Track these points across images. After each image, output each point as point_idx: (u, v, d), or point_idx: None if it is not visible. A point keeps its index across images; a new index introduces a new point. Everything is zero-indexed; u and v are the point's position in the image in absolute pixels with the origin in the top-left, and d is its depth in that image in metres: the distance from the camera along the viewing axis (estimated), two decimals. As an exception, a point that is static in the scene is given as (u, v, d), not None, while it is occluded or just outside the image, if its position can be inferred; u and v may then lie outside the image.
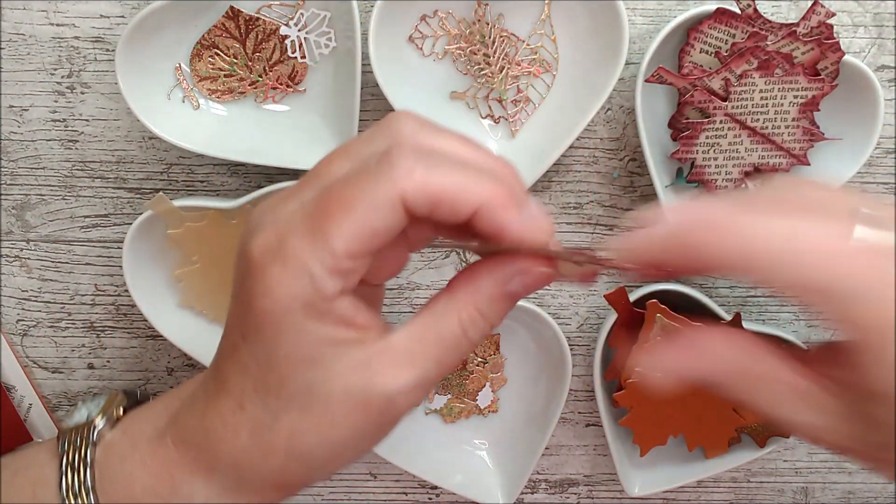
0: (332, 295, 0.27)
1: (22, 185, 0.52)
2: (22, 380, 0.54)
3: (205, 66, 0.49)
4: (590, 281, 0.31)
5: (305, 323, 0.27)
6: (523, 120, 0.51)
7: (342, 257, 0.27)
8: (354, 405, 0.28)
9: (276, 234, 0.27)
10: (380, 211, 0.26)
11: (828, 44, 0.47)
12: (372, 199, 0.26)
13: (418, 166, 0.27)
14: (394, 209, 0.27)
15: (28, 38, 0.50)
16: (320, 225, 0.27)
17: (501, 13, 0.49)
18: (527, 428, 0.54)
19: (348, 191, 0.27)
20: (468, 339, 0.29)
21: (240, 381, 0.29)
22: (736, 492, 0.58)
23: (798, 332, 0.55)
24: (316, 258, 0.27)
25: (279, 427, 0.28)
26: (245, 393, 0.29)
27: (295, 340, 0.27)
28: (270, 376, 0.28)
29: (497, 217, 0.28)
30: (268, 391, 0.28)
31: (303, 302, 0.27)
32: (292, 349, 0.28)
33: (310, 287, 0.27)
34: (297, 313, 0.27)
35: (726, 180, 0.50)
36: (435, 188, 0.27)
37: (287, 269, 0.27)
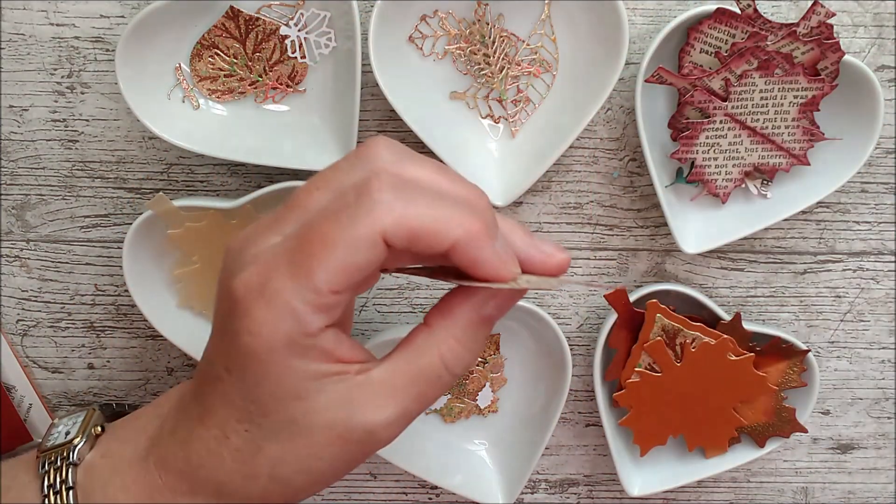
0: (316, 331, 0.28)
1: (22, 185, 0.52)
2: (22, 380, 0.54)
3: (205, 66, 0.49)
4: None
5: (290, 360, 0.28)
6: (523, 120, 0.51)
7: (326, 294, 0.27)
8: (335, 438, 0.29)
9: (259, 271, 0.28)
10: (361, 247, 0.27)
11: (828, 44, 0.47)
12: (353, 236, 0.27)
13: (397, 201, 0.27)
14: (374, 245, 0.27)
15: (28, 38, 0.50)
16: (303, 263, 0.27)
17: (501, 13, 0.49)
18: (527, 428, 0.54)
19: (329, 228, 0.27)
20: (450, 372, 0.30)
21: (224, 413, 0.30)
22: (736, 492, 0.58)
23: (798, 332, 0.55)
24: (300, 297, 0.27)
25: (262, 455, 0.29)
26: (229, 423, 0.30)
27: (279, 377, 0.28)
28: (255, 409, 0.29)
29: (472, 253, 0.28)
30: (252, 422, 0.29)
31: (287, 340, 0.28)
32: (276, 386, 0.28)
33: (294, 325, 0.27)
34: (282, 351, 0.28)
35: (726, 180, 0.50)
36: (414, 224, 0.27)
37: (271, 308, 0.27)
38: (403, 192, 0.27)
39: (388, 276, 0.54)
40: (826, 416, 0.57)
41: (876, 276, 0.55)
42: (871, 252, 0.54)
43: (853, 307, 0.55)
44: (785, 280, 0.55)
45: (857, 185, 0.53)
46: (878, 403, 0.57)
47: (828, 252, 0.54)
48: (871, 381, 0.56)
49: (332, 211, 0.28)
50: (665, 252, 0.54)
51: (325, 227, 0.27)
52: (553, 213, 0.53)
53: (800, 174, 0.51)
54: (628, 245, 0.54)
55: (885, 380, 0.56)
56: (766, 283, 0.54)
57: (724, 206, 0.51)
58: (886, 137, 0.52)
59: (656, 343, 0.50)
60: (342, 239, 0.27)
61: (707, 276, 0.54)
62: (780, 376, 0.52)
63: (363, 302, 0.54)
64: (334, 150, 0.49)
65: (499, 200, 0.50)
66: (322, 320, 0.28)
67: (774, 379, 0.52)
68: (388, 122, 0.52)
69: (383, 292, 0.54)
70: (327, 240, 0.27)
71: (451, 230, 0.27)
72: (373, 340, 0.51)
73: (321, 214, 0.28)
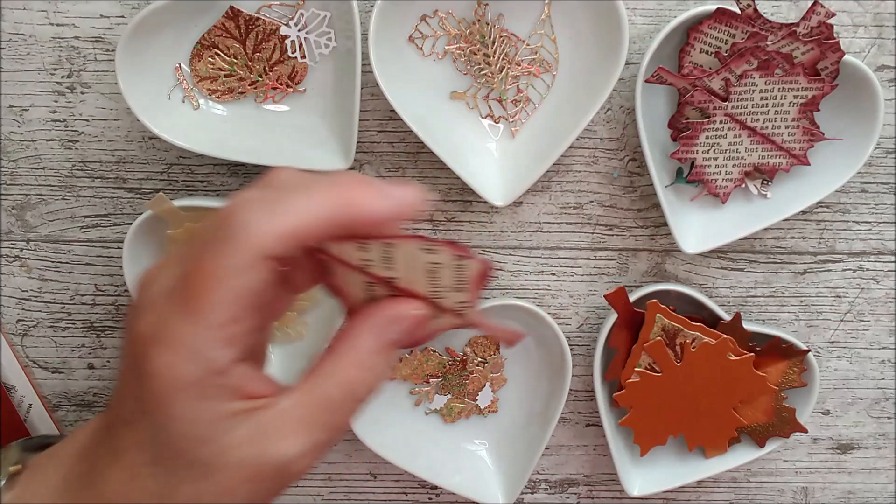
0: (225, 367, 0.27)
1: (22, 185, 0.52)
2: (22, 380, 0.54)
3: (205, 66, 0.49)
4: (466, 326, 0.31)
5: (198, 403, 0.28)
6: (523, 120, 0.51)
7: (226, 326, 0.27)
8: (249, 475, 0.28)
9: (156, 316, 0.28)
10: (244, 274, 0.27)
11: (828, 44, 0.47)
12: (232, 267, 0.26)
13: (262, 214, 0.27)
14: (257, 267, 0.27)
15: (28, 38, 0.50)
16: (193, 304, 0.27)
17: (501, 13, 0.49)
18: (527, 428, 0.54)
19: (207, 263, 0.27)
20: (356, 398, 0.29)
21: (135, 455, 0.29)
22: (736, 492, 0.58)
23: (798, 332, 0.55)
24: (199, 337, 0.27)
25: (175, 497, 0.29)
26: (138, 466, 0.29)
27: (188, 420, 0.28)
28: (165, 452, 0.29)
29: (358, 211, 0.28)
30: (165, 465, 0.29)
31: (196, 380, 0.27)
32: (186, 428, 0.28)
33: (201, 365, 0.27)
34: (191, 392, 0.27)
35: (726, 180, 0.50)
36: (287, 229, 0.27)
37: (172, 353, 0.27)
38: (267, 202, 0.27)
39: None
40: (826, 416, 0.57)
41: (876, 276, 0.55)
42: (871, 252, 0.54)
43: (853, 307, 0.55)
44: (785, 280, 0.55)
45: (857, 185, 0.53)
46: (878, 403, 0.57)
47: (828, 252, 0.54)
48: (871, 381, 0.56)
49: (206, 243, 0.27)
50: (665, 252, 0.54)
51: (202, 263, 0.27)
52: (553, 213, 0.53)
53: (800, 174, 0.51)
54: (628, 245, 0.54)
55: (885, 380, 0.56)
56: (766, 283, 0.55)
57: (724, 206, 0.51)
58: (886, 137, 0.52)
59: (656, 343, 0.50)
60: (223, 272, 0.26)
61: (707, 276, 0.54)
62: (780, 376, 0.52)
63: (363, 302, 0.54)
64: (334, 150, 0.49)
65: (499, 200, 0.50)
66: (229, 354, 0.27)
67: (774, 379, 0.52)
68: (388, 122, 0.52)
69: (383, 292, 0.54)
70: (208, 275, 0.27)
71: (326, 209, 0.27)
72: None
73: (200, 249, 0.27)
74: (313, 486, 0.57)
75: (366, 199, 0.28)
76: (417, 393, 0.54)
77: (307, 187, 0.28)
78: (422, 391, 0.54)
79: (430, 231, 0.53)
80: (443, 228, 0.53)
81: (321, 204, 0.27)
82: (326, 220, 0.27)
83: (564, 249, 0.54)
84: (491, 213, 0.53)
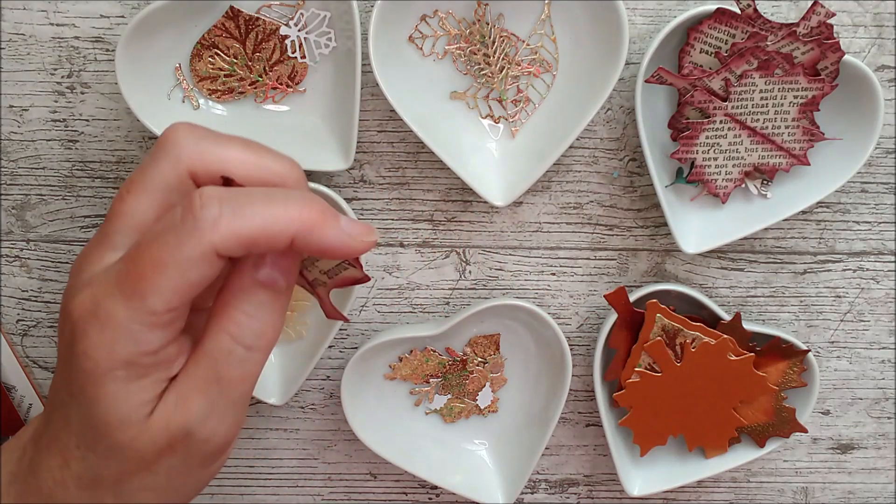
0: (156, 349, 0.28)
1: (22, 185, 0.52)
2: (22, 380, 0.54)
3: (205, 66, 0.49)
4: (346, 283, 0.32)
5: (126, 385, 0.28)
6: (523, 120, 0.51)
7: (162, 314, 0.27)
8: (161, 450, 0.29)
9: (93, 295, 0.28)
10: (193, 266, 0.27)
11: (828, 44, 0.47)
12: (183, 257, 0.27)
13: (224, 213, 0.27)
14: (206, 262, 0.27)
15: (28, 38, 0.49)
16: (135, 286, 0.27)
17: (501, 13, 0.49)
18: (527, 428, 0.54)
19: (158, 249, 0.27)
20: (242, 344, 0.29)
21: (66, 439, 0.30)
22: (736, 492, 0.58)
23: (798, 332, 0.55)
24: (135, 319, 0.27)
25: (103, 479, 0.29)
26: (69, 450, 0.29)
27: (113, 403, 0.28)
28: (90, 434, 0.29)
29: (316, 239, 0.28)
30: (89, 448, 0.29)
31: (125, 362, 0.27)
32: (110, 411, 0.28)
33: (132, 346, 0.27)
34: (120, 374, 0.28)
35: (726, 180, 0.50)
36: (245, 233, 0.27)
37: (106, 331, 0.27)
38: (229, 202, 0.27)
39: (389, 277, 0.54)
40: (826, 416, 0.57)
41: (876, 276, 0.55)
42: (871, 252, 0.54)
43: (853, 307, 0.55)
44: (785, 280, 0.55)
45: (857, 185, 0.53)
46: (878, 403, 0.57)
47: (828, 252, 0.54)
48: (871, 381, 0.56)
49: (161, 230, 0.27)
50: (665, 252, 0.54)
51: (153, 248, 0.27)
52: (553, 213, 0.53)
53: (800, 174, 0.51)
54: (628, 245, 0.54)
55: (885, 380, 0.56)
56: (766, 283, 0.55)
57: (724, 206, 0.51)
58: (886, 137, 0.52)
59: (656, 343, 0.50)
60: (172, 261, 0.27)
61: (707, 276, 0.54)
62: (780, 376, 0.52)
63: (363, 302, 0.54)
64: (334, 150, 0.49)
65: (499, 200, 0.50)
66: (162, 337, 0.28)
67: (774, 379, 0.52)
68: (388, 122, 0.52)
69: (383, 292, 0.54)
70: (157, 262, 0.27)
71: (287, 227, 0.27)
72: (373, 341, 0.51)
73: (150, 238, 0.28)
74: (313, 486, 0.57)
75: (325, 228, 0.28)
76: (417, 393, 0.54)
77: (273, 198, 0.28)
78: (422, 391, 0.54)
79: (430, 231, 0.53)
80: (443, 228, 0.53)
81: (283, 219, 0.27)
82: (283, 235, 0.27)
83: (564, 249, 0.54)
84: (491, 213, 0.53)
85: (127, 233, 0.29)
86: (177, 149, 0.29)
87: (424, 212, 0.53)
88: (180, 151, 0.29)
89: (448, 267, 0.54)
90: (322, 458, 0.56)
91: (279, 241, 0.27)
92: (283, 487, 0.57)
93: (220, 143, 0.29)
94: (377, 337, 0.52)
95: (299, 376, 0.51)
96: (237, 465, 0.56)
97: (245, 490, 0.57)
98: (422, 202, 0.53)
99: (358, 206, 0.53)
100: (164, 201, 0.29)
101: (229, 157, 0.29)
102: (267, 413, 0.56)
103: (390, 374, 0.54)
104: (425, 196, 0.53)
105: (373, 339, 0.52)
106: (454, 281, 0.54)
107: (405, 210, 0.53)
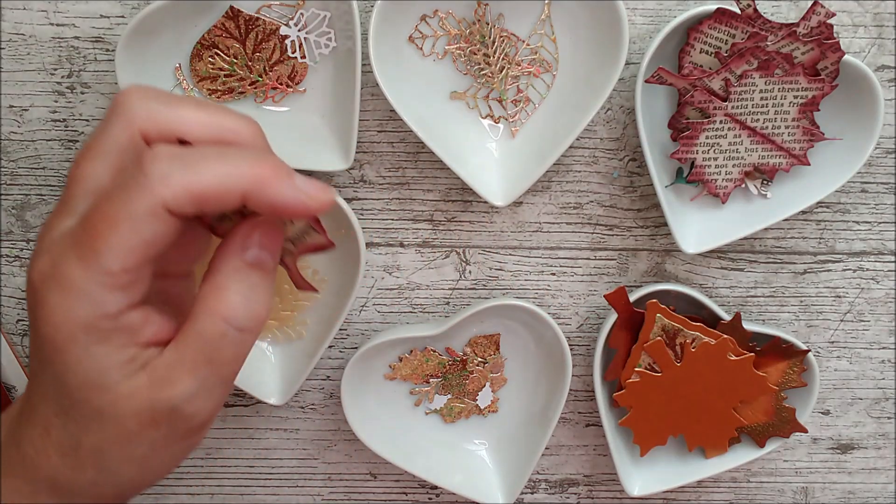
0: (115, 312, 0.27)
1: (22, 185, 0.52)
2: (22, 380, 0.54)
3: (205, 66, 0.49)
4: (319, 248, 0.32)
5: (90, 348, 0.28)
6: (523, 120, 0.51)
7: (118, 274, 0.27)
8: (144, 422, 0.29)
9: (51, 259, 0.28)
10: (144, 223, 0.27)
11: (828, 44, 0.47)
12: (133, 213, 0.26)
13: (174, 169, 0.27)
14: (158, 218, 0.27)
15: (28, 38, 0.50)
16: (89, 245, 0.27)
17: (501, 13, 0.49)
18: (527, 428, 0.54)
19: (110, 207, 0.27)
20: (234, 326, 0.29)
21: (43, 408, 0.30)
22: (736, 492, 0.58)
23: (798, 332, 0.55)
24: (91, 280, 0.27)
25: (83, 447, 0.29)
26: (49, 418, 0.29)
27: (81, 367, 0.28)
28: (67, 402, 0.29)
29: (267, 195, 0.28)
30: (67, 415, 0.29)
31: (85, 325, 0.27)
32: (80, 377, 0.28)
33: (90, 309, 0.27)
34: (81, 339, 0.27)
35: (726, 180, 0.50)
36: (195, 188, 0.27)
37: (64, 294, 0.27)
38: (180, 158, 0.27)
39: (389, 277, 0.54)
40: (826, 416, 0.57)
41: (876, 276, 0.55)
42: (871, 252, 0.54)
43: (853, 307, 0.55)
44: (785, 280, 0.55)
45: (857, 185, 0.53)
46: (878, 403, 0.57)
47: (828, 252, 0.54)
48: (871, 381, 0.56)
49: (113, 188, 0.27)
50: (665, 252, 0.54)
51: (105, 207, 0.27)
52: (553, 213, 0.53)
53: (800, 174, 0.51)
54: (628, 245, 0.54)
55: (885, 380, 0.56)
56: (766, 283, 0.55)
57: (724, 206, 0.51)
58: (886, 137, 0.52)
59: (656, 343, 0.50)
60: (123, 217, 0.26)
61: (707, 276, 0.54)
62: (780, 376, 0.52)
63: (363, 302, 0.54)
64: (334, 150, 0.49)
65: (499, 200, 0.50)
66: (121, 300, 0.27)
67: (774, 379, 0.52)
68: (388, 122, 0.52)
69: (383, 292, 0.54)
70: (109, 219, 0.27)
71: (237, 183, 0.27)
72: (373, 341, 0.51)
73: (103, 195, 0.27)
74: (313, 486, 0.57)
75: (277, 185, 0.28)
76: (417, 393, 0.54)
77: (225, 155, 0.28)
78: (422, 391, 0.54)
79: (431, 231, 0.53)
80: (443, 228, 0.53)
81: (235, 175, 0.27)
82: (235, 191, 0.27)
83: (564, 249, 0.54)
84: (491, 213, 0.53)
85: (84, 197, 0.29)
86: (128, 111, 0.29)
87: (424, 212, 0.53)
88: (132, 113, 0.29)
89: (448, 267, 0.54)
90: (322, 458, 0.56)
91: (231, 197, 0.27)
92: (283, 487, 0.57)
93: (171, 104, 0.29)
94: (377, 337, 0.52)
95: (299, 376, 0.51)
96: (237, 465, 0.56)
97: (245, 490, 0.57)
98: (422, 202, 0.53)
99: (358, 206, 0.53)
100: (118, 164, 0.29)
101: (182, 117, 0.29)
102: (267, 413, 0.56)
103: (390, 374, 0.54)
104: (425, 196, 0.53)
105: (373, 339, 0.52)
106: (454, 281, 0.54)
107: (405, 210, 0.53)
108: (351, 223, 0.48)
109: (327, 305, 0.52)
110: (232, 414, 0.55)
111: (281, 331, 0.53)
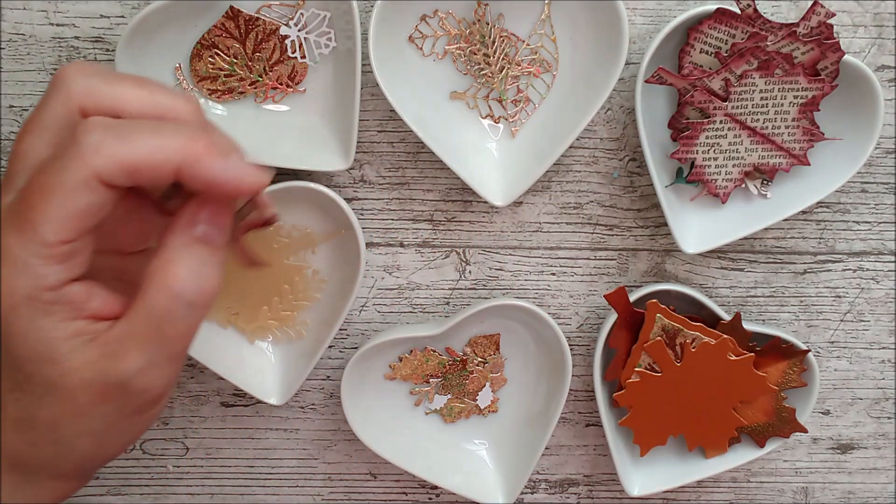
0: (55, 284, 0.28)
1: (22, 185, 0.52)
2: None
3: (205, 66, 0.49)
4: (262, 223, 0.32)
5: (34, 319, 0.28)
6: (523, 120, 0.51)
7: (56, 245, 0.27)
8: (95, 395, 0.29)
9: None
10: (77, 193, 0.27)
11: (828, 44, 0.47)
12: (66, 183, 0.27)
13: (106, 139, 0.27)
14: (91, 188, 0.27)
15: (28, 38, 0.50)
16: (26, 216, 0.27)
17: (501, 13, 0.49)
18: (527, 428, 0.54)
19: (44, 178, 0.27)
20: (183, 300, 0.29)
21: None
22: (736, 492, 0.58)
23: (798, 332, 0.55)
24: (29, 251, 0.27)
25: (38, 422, 0.29)
26: (7, 393, 0.30)
27: (28, 339, 0.28)
28: (19, 375, 0.29)
29: (200, 171, 0.28)
30: (21, 390, 0.29)
31: (26, 297, 0.27)
32: (29, 349, 0.28)
33: (30, 280, 0.27)
34: (23, 310, 0.28)
35: (726, 180, 0.50)
36: (127, 159, 0.27)
37: (5, 266, 0.27)
38: (114, 129, 0.27)
39: (389, 277, 0.54)
40: (826, 416, 0.57)
41: (876, 276, 0.55)
42: (871, 252, 0.54)
43: (853, 307, 0.55)
44: (785, 280, 0.55)
45: (857, 185, 0.53)
46: (878, 403, 0.57)
47: (828, 252, 0.54)
48: (871, 381, 0.56)
49: (48, 161, 0.28)
50: (665, 252, 0.54)
51: (40, 178, 0.27)
52: (553, 213, 0.53)
53: (800, 174, 0.51)
54: (628, 245, 0.54)
55: (885, 380, 0.56)
56: (766, 283, 0.55)
57: (724, 206, 0.51)
58: (886, 137, 0.52)
59: (656, 343, 0.50)
60: (57, 186, 0.27)
61: (707, 276, 0.54)
62: (780, 376, 0.52)
63: (363, 302, 0.54)
64: (334, 150, 0.49)
65: (499, 200, 0.50)
66: (61, 272, 0.28)
67: (774, 379, 0.52)
68: (388, 122, 0.52)
69: (383, 292, 0.54)
70: (43, 190, 0.27)
71: (170, 157, 0.27)
72: (373, 341, 0.51)
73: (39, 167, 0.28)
74: (313, 486, 0.57)
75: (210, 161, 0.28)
76: (417, 393, 0.54)
77: (160, 128, 0.28)
78: (422, 391, 0.54)
79: (431, 231, 0.53)
80: (443, 228, 0.53)
81: (167, 148, 0.27)
82: (168, 164, 0.27)
83: (564, 249, 0.54)
84: (491, 213, 0.53)
85: (24, 172, 0.29)
86: (67, 86, 0.29)
87: (424, 212, 0.53)
88: (70, 89, 0.29)
89: (448, 267, 0.54)
90: (322, 458, 0.57)
91: (163, 170, 0.27)
92: (283, 487, 0.57)
93: (110, 80, 0.30)
94: (377, 337, 0.52)
95: (299, 376, 0.52)
96: (237, 465, 0.56)
97: (245, 490, 0.57)
98: (422, 202, 0.53)
99: (358, 206, 0.53)
100: (57, 139, 0.29)
101: (120, 93, 0.29)
102: (267, 413, 0.56)
103: (390, 374, 0.54)
104: (425, 196, 0.53)
105: (373, 339, 0.52)
106: (454, 281, 0.54)
107: (405, 210, 0.53)
108: (351, 223, 0.48)
109: (327, 305, 0.52)
110: (232, 414, 0.55)
111: (281, 331, 0.53)
